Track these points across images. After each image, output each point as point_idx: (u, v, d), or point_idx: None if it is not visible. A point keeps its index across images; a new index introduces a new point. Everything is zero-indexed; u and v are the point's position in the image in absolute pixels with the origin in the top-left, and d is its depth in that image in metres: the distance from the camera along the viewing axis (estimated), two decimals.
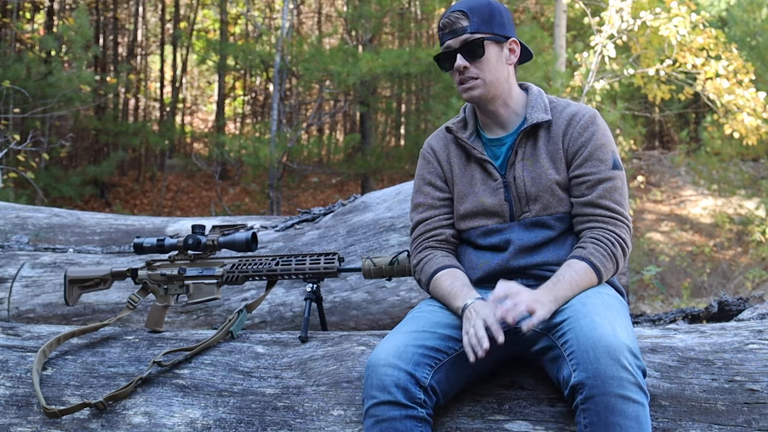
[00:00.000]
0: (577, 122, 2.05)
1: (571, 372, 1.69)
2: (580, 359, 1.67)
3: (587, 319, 1.74)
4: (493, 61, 2.04)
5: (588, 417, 1.65)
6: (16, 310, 3.43)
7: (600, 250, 1.94)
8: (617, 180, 2.02)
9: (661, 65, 9.24)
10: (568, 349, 1.73)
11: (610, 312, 1.79)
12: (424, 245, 2.13)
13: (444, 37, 2.06)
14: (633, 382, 1.64)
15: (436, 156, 2.18)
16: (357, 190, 14.03)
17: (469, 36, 2.02)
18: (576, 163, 2.03)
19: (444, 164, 2.16)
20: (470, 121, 2.16)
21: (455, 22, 2.03)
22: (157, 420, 2.02)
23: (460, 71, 2.04)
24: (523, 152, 2.07)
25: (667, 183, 14.91)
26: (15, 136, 8.95)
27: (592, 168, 2.01)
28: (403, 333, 1.88)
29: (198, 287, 2.43)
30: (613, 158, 2.03)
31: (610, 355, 1.64)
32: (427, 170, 2.19)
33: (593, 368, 1.64)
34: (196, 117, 21.53)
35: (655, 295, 9.61)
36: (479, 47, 2.02)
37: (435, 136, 2.22)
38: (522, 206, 2.05)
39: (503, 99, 2.09)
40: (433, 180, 2.17)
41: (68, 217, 4.58)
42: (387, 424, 1.73)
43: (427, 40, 17.26)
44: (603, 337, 1.67)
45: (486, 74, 2.04)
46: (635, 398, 1.63)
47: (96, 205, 13.90)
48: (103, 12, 17.79)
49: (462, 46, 2.02)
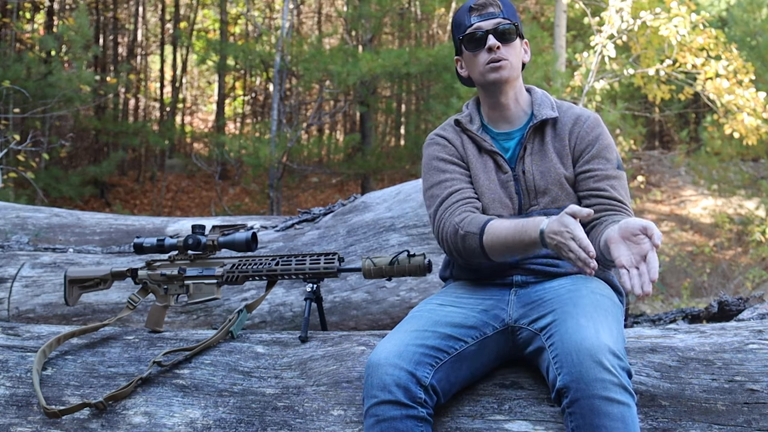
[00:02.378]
0: (584, 122, 2.10)
1: (556, 375, 1.69)
2: (563, 362, 1.67)
3: (572, 321, 1.74)
4: (518, 50, 2.11)
5: (574, 420, 1.64)
6: (16, 310, 3.43)
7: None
8: (622, 180, 2.07)
9: (661, 65, 9.24)
10: (553, 351, 1.73)
11: (598, 313, 1.79)
12: (462, 209, 2.03)
13: (472, 19, 2.09)
14: (616, 383, 1.62)
15: (451, 142, 2.17)
16: (357, 190, 14.03)
17: (502, 20, 2.07)
18: (584, 160, 2.07)
19: (459, 149, 2.16)
20: (475, 116, 2.19)
21: (488, 6, 2.09)
22: (157, 420, 2.02)
23: (493, 50, 2.06)
24: (531, 147, 2.10)
25: (667, 183, 14.91)
26: (15, 136, 8.95)
27: (600, 165, 2.06)
28: (403, 332, 1.88)
29: (198, 287, 2.43)
30: (617, 159, 2.09)
31: (593, 357, 1.64)
32: (445, 152, 2.15)
33: (576, 371, 1.64)
34: (196, 117, 21.54)
35: (655, 295, 9.61)
36: (511, 33, 2.08)
37: (442, 127, 2.22)
38: (530, 199, 2.07)
39: (515, 93, 2.13)
40: (453, 159, 2.14)
41: (68, 217, 4.58)
42: (387, 424, 1.73)
43: (427, 40, 17.27)
44: (585, 339, 1.67)
45: (513, 58, 2.09)
46: (620, 399, 1.62)
47: (96, 205, 13.90)
48: (103, 12, 17.79)
49: (494, 28, 2.07)
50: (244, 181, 13.81)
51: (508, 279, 2.06)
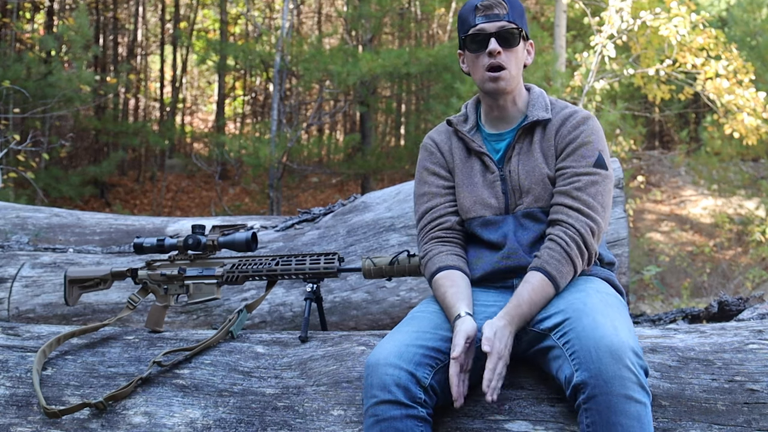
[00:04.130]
0: (570, 121, 2.09)
1: (573, 372, 1.69)
2: (582, 359, 1.68)
3: (589, 318, 1.74)
4: (519, 55, 2.09)
5: (590, 417, 1.65)
6: (16, 310, 3.43)
7: (555, 255, 1.93)
8: (597, 177, 2.02)
9: (661, 65, 9.24)
10: (570, 348, 1.73)
11: (611, 310, 1.79)
12: (430, 235, 2.14)
13: (477, 19, 2.06)
14: (636, 381, 1.64)
15: (438, 147, 2.21)
16: (357, 190, 14.03)
17: (506, 23, 2.05)
18: (561, 157, 2.07)
19: (446, 154, 2.19)
20: (471, 116, 2.20)
21: (494, 7, 2.05)
22: (157, 420, 2.02)
23: (493, 55, 2.04)
24: (519, 147, 2.11)
25: (667, 183, 14.91)
26: (15, 136, 8.95)
27: (573, 162, 2.04)
28: (404, 333, 1.89)
29: (198, 287, 2.43)
30: (598, 157, 2.04)
31: (613, 354, 1.65)
32: (429, 161, 2.21)
33: (596, 368, 1.65)
34: (196, 117, 21.54)
35: (655, 295, 9.61)
36: (514, 37, 2.05)
37: (436, 129, 2.25)
38: (516, 199, 2.08)
39: (513, 96, 2.12)
40: (436, 170, 2.19)
41: (68, 217, 4.58)
42: (387, 424, 1.73)
43: (427, 40, 17.27)
44: (605, 337, 1.68)
45: (512, 65, 2.07)
46: (638, 398, 1.63)
47: (96, 205, 13.89)
48: (103, 12, 17.79)
49: (498, 31, 2.04)
50: (244, 181, 13.82)
51: (508, 283, 2.06)
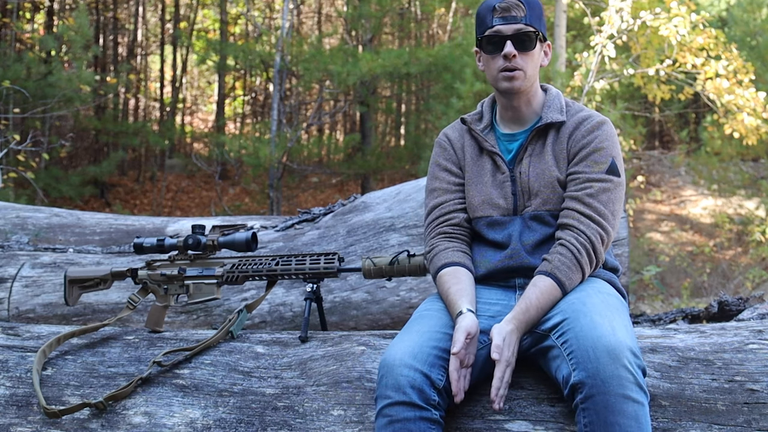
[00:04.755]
0: (585, 125, 2.07)
1: (570, 371, 1.70)
2: (580, 358, 1.68)
3: (587, 319, 1.75)
4: (536, 57, 2.08)
5: (588, 416, 1.65)
6: (16, 310, 3.43)
7: (565, 262, 1.93)
8: (609, 184, 2.01)
9: (661, 65, 9.23)
10: (567, 348, 1.73)
11: (610, 311, 1.80)
12: (438, 231, 2.14)
13: (494, 20, 2.05)
14: (633, 381, 1.64)
15: (451, 143, 2.22)
16: (357, 190, 14.03)
17: (524, 26, 2.04)
18: (573, 162, 2.06)
19: (458, 151, 2.20)
20: (486, 115, 2.20)
21: (511, 9, 2.03)
22: (157, 420, 2.02)
23: (508, 58, 2.04)
24: (532, 149, 2.10)
25: (667, 183, 14.91)
26: (15, 136, 8.95)
27: (586, 168, 2.03)
28: (416, 332, 1.88)
29: (198, 287, 2.43)
30: (611, 163, 2.02)
31: (610, 354, 1.65)
32: (442, 156, 2.22)
33: (593, 367, 1.65)
34: (196, 117, 21.54)
35: (655, 295, 9.61)
36: (531, 40, 2.04)
37: (451, 126, 2.27)
38: (525, 201, 2.07)
39: (528, 96, 2.12)
40: (448, 166, 2.20)
41: (68, 217, 4.58)
42: (401, 425, 1.72)
43: (427, 40, 17.27)
44: (603, 337, 1.68)
45: (529, 68, 2.06)
46: (635, 398, 1.64)
47: (96, 205, 13.89)
48: (103, 12, 17.79)
49: (514, 34, 2.03)
50: (244, 181, 13.82)
51: (511, 282, 2.06)
